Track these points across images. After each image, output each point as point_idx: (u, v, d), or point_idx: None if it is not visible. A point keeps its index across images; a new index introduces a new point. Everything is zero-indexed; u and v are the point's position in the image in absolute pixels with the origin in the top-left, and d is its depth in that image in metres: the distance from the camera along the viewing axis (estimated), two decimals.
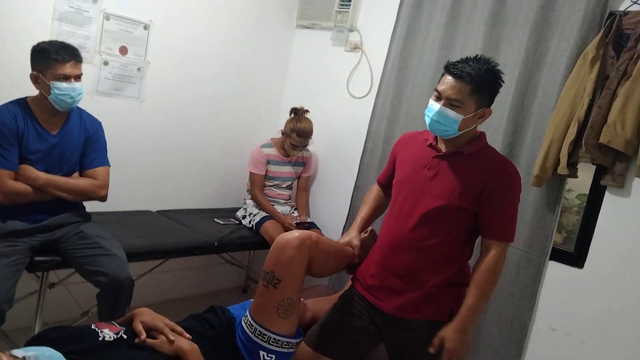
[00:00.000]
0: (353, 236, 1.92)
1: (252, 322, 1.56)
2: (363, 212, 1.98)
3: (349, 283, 1.93)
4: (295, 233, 1.62)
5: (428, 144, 1.77)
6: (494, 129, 2.58)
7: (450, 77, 1.63)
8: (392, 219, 1.78)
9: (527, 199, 2.48)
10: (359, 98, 3.22)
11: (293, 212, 3.23)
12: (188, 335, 1.47)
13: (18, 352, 1.16)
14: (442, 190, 1.67)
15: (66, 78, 2.02)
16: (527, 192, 2.48)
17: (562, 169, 2.30)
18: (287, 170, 3.21)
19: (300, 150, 3.17)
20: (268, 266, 1.58)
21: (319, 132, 3.20)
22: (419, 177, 1.73)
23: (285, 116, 3.17)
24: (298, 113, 3.13)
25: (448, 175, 1.68)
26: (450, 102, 1.62)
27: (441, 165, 1.71)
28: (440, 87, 1.65)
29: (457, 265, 1.73)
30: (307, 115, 3.15)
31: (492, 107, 2.47)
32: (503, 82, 1.68)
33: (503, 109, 2.54)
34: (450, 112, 1.62)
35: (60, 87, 2.01)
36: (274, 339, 1.54)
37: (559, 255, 2.46)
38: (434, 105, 1.65)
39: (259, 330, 1.54)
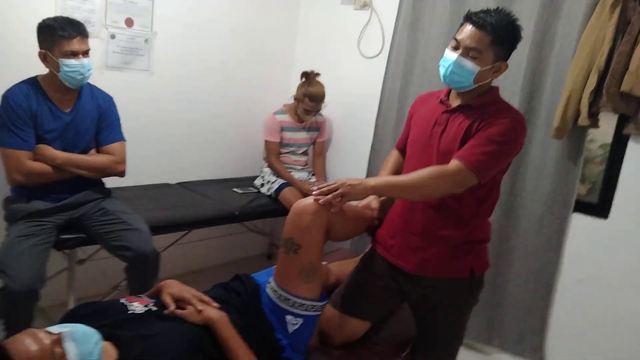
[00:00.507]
0: (372, 199, 1.91)
1: (276, 287, 1.57)
2: (382, 175, 1.96)
3: (370, 245, 1.94)
4: (312, 198, 1.60)
5: (439, 100, 1.74)
6: (512, 83, 2.51)
7: (471, 26, 1.57)
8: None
9: (548, 152, 2.44)
10: (370, 58, 3.15)
11: (310, 178, 3.22)
12: (216, 304, 1.49)
13: (53, 329, 1.19)
14: (447, 145, 1.64)
15: (74, 54, 2.00)
16: (548, 145, 2.44)
17: (583, 120, 2.25)
18: (302, 136, 3.19)
19: (314, 115, 3.14)
20: (287, 233, 1.58)
21: (332, 95, 3.15)
22: (430, 135, 1.70)
23: (297, 81, 3.12)
24: (309, 77, 3.08)
25: (454, 129, 1.64)
26: (468, 52, 1.57)
27: (450, 119, 1.67)
28: (460, 36, 1.59)
29: (475, 222, 1.70)
30: (319, 79, 3.09)
31: (510, 58, 2.42)
32: (522, 37, 1.62)
33: (520, 61, 2.47)
34: (468, 63, 1.57)
35: (69, 64, 2.00)
36: (298, 303, 1.56)
37: (583, 207, 2.44)
38: (451, 55, 1.60)
39: (283, 296, 1.55)
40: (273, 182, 3.07)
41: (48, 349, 1.12)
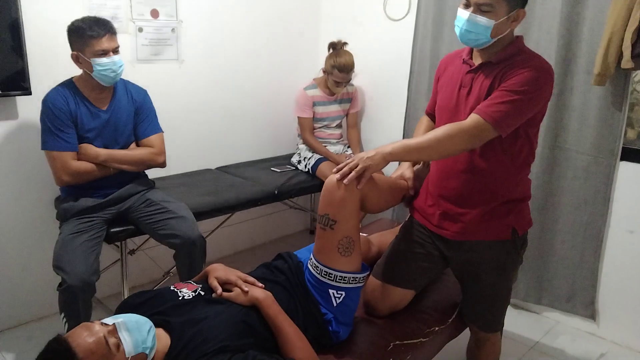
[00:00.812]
0: (405, 168, 1.90)
1: (317, 263, 1.59)
2: None
3: (409, 214, 1.93)
4: (345, 167, 1.57)
5: (462, 60, 1.69)
6: (546, 31, 2.41)
7: None
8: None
9: (590, 100, 2.34)
10: (397, 20, 3.08)
11: (347, 151, 3.22)
12: (261, 284, 1.53)
13: (108, 320, 1.26)
14: (473, 106, 1.59)
15: (105, 53, 2.05)
16: (589, 93, 2.34)
17: (627, 62, 2.13)
18: (334, 108, 3.17)
19: (345, 86, 3.11)
20: (322, 209, 1.58)
21: (361, 63, 3.11)
22: (456, 98, 1.66)
23: (324, 53, 3.09)
24: (336, 47, 3.04)
25: (477, 89, 1.60)
26: (479, 8, 1.52)
27: (474, 79, 1.62)
28: None
29: (512, 181, 1.66)
30: (346, 48, 3.05)
31: (540, 5, 2.30)
32: None
33: (553, 6, 2.36)
34: (481, 19, 1.52)
35: (101, 63, 2.05)
36: (340, 276, 1.57)
37: (631, 154, 2.34)
38: (463, 14, 1.55)
39: (324, 271, 1.58)
40: (309, 158, 3.08)
41: (104, 339, 1.19)
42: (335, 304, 1.59)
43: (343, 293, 1.59)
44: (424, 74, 2.94)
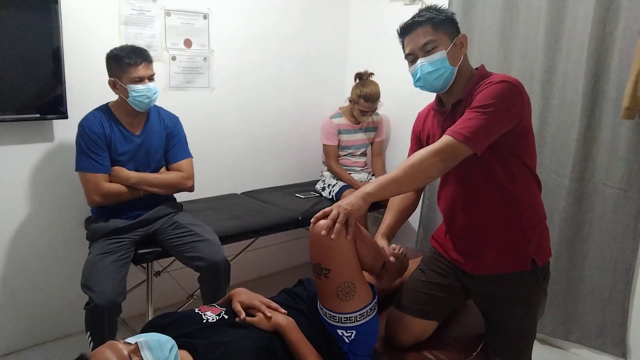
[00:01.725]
0: (378, 239, 1.82)
1: (321, 306, 1.56)
2: (386, 220, 1.89)
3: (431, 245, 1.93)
4: (327, 220, 1.47)
5: (435, 111, 1.73)
6: (575, 63, 2.41)
7: (408, 36, 1.63)
8: (442, 188, 1.80)
9: (620, 133, 2.32)
10: None
11: (371, 179, 3.23)
12: (283, 310, 1.53)
13: (131, 340, 1.26)
14: None
15: (141, 80, 2.13)
16: (618, 126, 2.32)
17: None
18: (360, 137, 3.20)
19: (370, 116, 3.14)
20: (313, 257, 1.50)
21: (387, 93, 3.15)
22: None
23: (351, 83, 3.15)
24: (363, 77, 3.09)
25: None
26: (425, 50, 1.59)
27: (451, 122, 1.62)
28: (407, 49, 1.64)
29: (519, 208, 1.64)
30: (373, 78, 3.10)
31: (568, 38, 2.32)
32: (445, 7, 1.66)
33: (582, 39, 2.36)
34: (433, 56, 1.59)
35: (137, 89, 2.13)
36: (344, 318, 1.52)
37: None
38: (416, 65, 1.62)
39: (329, 314, 1.54)
40: (334, 185, 3.10)
41: (127, 357, 1.19)
42: (348, 341, 1.55)
43: (353, 331, 1.54)
44: None
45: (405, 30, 1.63)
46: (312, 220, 1.48)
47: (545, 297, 1.76)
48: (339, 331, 1.54)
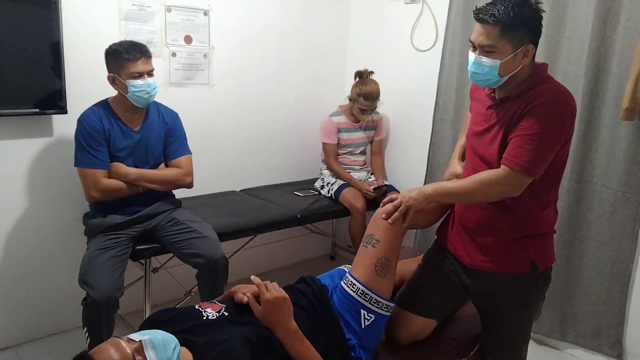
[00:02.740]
0: (455, 165, 1.93)
1: (354, 281, 1.63)
2: (461, 139, 1.97)
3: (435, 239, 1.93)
4: (389, 206, 1.67)
5: (487, 93, 1.71)
6: (575, 64, 2.41)
7: (478, 24, 1.56)
8: (465, 174, 1.79)
9: (618, 135, 2.32)
10: (424, 51, 3.12)
11: (370, 177, 3.23)
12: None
13: (135, 336, 1.25)
14: (494, 145, 1.61)
15: (140, 75, 2.12)
16: (617, 126, 2.32)
17: None
18: (359, 135, 3.20)
19: (369, 114, 3.14)
20: (369, 230, 1.70)
21: (387, 92, 3.15)
22: (479, 131, 1.69)
23: (351, 81, 3.14)
24: (363, 76, 3.09)
25: (498, 125, 1.61)
26: (484, 50, 1.54)
27: (494, 115, 1.64)
28: (472, 37, 1.58)
29: (534, 218, 1.65)
30: (372, 77, 3.10)
31: (568, 39, 2.31)
32: (543, 11, 1.56)
33: (582, 40, 2.37)
34: (486, 60, 1.54)
35: (136, 85, 2.12)
36: (375, 299, 1.60)
37: None
38: (471, 57, 1.59)
39: (362, 290, 1.60)
40: (333, 184, 3.10)
41: (130, 356, 1.18)
42: (363, 326, 1.60)
43: (373, 317, 1.61)
44: (450, 104, 2.95)
45: (477, 17, 1.56)
46: (381, 204, 1.70)
47: (542, 300, 1.77)
48: (363, 311, 1.61)
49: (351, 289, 1.62)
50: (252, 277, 1.47)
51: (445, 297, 1.82)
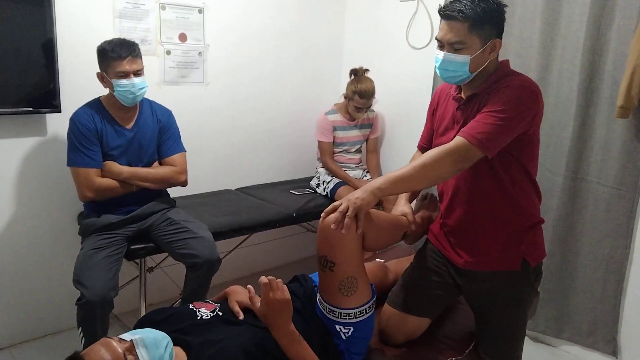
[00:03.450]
0: (401, 205, 1.88)
1: (321, 300, 1.57)
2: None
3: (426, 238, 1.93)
4: (336, 214, 1.49)
5: (452, 96, 1.71)
6: (570, 62, 2.41)
7: (444, 22, 1.56)
8: (445, 188, 1.78)
9: (614, 132, 2.32)
10: (420, 48, 3.11)
11: (365, 176, 3.23)
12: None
13: (126, 336, 1.25)
14: None
15: (125, 75, 2.09)
16: (612, 124, 2.33)
17: None
18: (354, 134, 3.19)
19: (365, 112, 3.13)
20: (320, 250, 1.53)
21: (382, 90, 3.14)
22: (452, 136, 1.66)
23: (346, 79, 3.14)
24: (358, 74, 3.08)
25: (467, 122, 1.60)
26: (452, 47, 1.55)
27: (464, 114, 1.64)
28: (439, 35, 1.58)
29: (516, 209, 1.65)
30: (368, 75, 3.09)
31: (563, 36, 2.31)
32: (505, 5, 1.57)
33: (577, 38, 2.37)
34: (456, 57, 1.55)
35: (121, 84, 2.10)
36: (344, 313, 1.54)
37: None
38: (439, 54, 1.59)
39: (329, 308, 1.55)
40: (328, 182, 3.10)
41: (121, 356, 1.18)
42: (344, 338, 1.56)
43: (351, 328, 1.55)
44: None
45: (443, 15, 1.56)
46: (322, 214, 1.51)
47: (537, 297, 1.77)
48: (337, 327, 1.54)
49: (321, 307, 1.58)
50: (261, 277, 1.43)
51: (438, 296, 1.81)
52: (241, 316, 1.49)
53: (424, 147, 1.96)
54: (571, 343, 2.58)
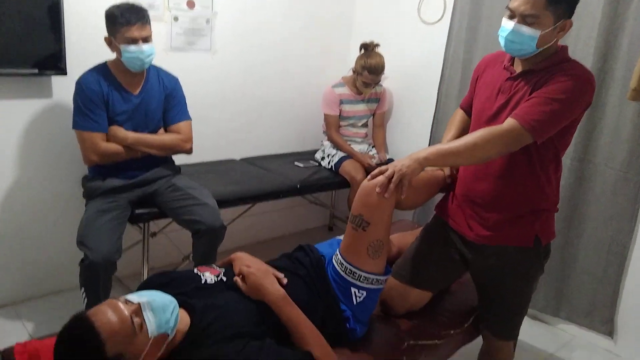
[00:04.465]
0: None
1: (342, 261, 1.59)
2: (448, 135, 1.93)
3: (434, 213, 1.92)
4: (382, 178, 1.55)
5: (503, 66, 1.67)
6: (584, 42, 2.37)
7: None
8: None
9: (625, 115, 2.30)
10: (431, 24, 3.06)
11: (371, 150, 3.21)
12: (283, 282, 1.51)
13: (132, 298, 1.24)
14: (511, 113, 1.57)
15: (134, 41, 2.06)
16: (624, 107, 2.30)
17: None
18: (361, 108, 3.17)
19: (373, 87, 3.10)
20: (356, 209, 1.57)
21: (392, 65, 3.10)
22: (493, 105, 1.65)
23: (356, 52, 3.09)
24: (368, 48, 3.04)
25: (517, 97, 1.58)
26: (524, 19, 1.50)
27: (513, 87, 1.61)
28: (513, 4, 1.53)
29: (539, 190, 1.65)
30: (378, 50, 3.04)
31: (579, 17, 2.27)
32: None
33: (593, 17, 2.32)
34: (526, 29, 1.50)
35: (129, 50, 2.06)
36: (364, 276, 1.57)
37: None
38: (507, 25, 1.54)
39: (349, 269, 1.58)
40: (333, 155, 3.09)
41: (128, 318, 1.17)
42: (355, 302, 1.59)
43: (365, 293, 1.59)
44: (456, 79, 2.91)
45: None
46: (368, 177, 1.56)
47: (541, 274, 1.78)
48: (353, 289, 1.58)
49: (340, 268, 1.60)
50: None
51: (444, 271, 1.82)
52: (245, 287, 1.49)
53: (464, 109, 1.94)
54: (568, 322, 2.61)
